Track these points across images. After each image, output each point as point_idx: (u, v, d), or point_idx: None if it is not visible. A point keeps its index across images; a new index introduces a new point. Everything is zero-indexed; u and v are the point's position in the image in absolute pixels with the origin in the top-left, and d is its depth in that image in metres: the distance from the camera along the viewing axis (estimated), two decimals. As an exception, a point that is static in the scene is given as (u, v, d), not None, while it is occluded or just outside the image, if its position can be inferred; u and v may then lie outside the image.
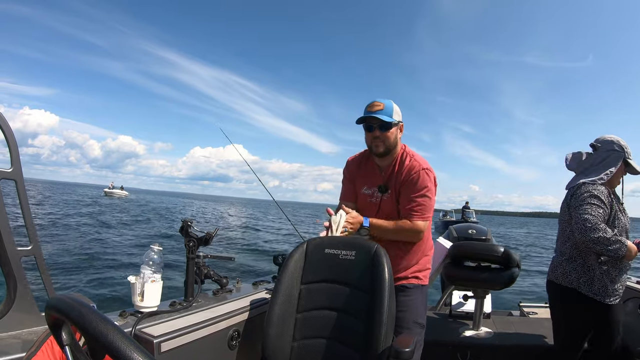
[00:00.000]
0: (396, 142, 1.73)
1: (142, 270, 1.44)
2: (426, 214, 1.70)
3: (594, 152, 1.88)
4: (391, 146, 1.72)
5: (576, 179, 1.89)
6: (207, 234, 1.65)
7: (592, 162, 1.86)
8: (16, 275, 1.17)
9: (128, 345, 0.47)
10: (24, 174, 1.17)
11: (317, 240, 1.56)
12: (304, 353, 1.41)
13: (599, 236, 1.62)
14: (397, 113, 1.72)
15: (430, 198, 1.70)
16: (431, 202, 1.71)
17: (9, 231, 1.14)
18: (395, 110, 1.71)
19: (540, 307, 3.11)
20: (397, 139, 1.74)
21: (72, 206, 23.06)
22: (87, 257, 8.33)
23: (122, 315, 1.38)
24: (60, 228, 12.67)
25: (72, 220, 15.18)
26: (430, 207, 1.71)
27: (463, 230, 2.88)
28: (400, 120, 1.75)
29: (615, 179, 1.83)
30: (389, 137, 1.69)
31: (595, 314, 1.81)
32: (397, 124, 1.72)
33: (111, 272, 7.10)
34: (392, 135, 1.69)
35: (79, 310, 0.53)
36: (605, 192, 1.75)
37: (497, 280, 2.24)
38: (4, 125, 1.10)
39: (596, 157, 1.86)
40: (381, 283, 1.34)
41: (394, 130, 1.70)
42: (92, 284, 6.18)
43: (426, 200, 1.68)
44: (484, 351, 2.21)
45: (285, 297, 1.45)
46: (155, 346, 1.21)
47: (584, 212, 1.69)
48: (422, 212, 1.68)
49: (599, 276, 1.77)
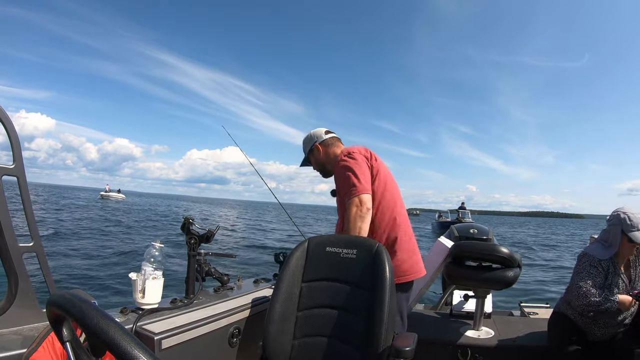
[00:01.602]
0: (321, 163, 1.91)
1: (144, 267, 1.44)
2: (353, 187, 1.64)
3: (607, 226, 2.05)
4: (320, 169, 1.94)
5: (589, 247, 2.09)
6: (208, 232, 1.65)
7: (603, 236, 2.06)
8: (18, 271, 1.17)
9: (129, 341, 0.47)
10: None
11: (318, 239, 1.56)
12: (305, 351, 1.41)
13: (589, 301, 1.88)
14: (305, 143, 1.95)
15: (350, 172, 1.65)
16: (352, 176, 1.65)
17: (11, 227, 1.15)
18: (304, 143, 1.96)
19: (541, 308, 3.11)
20: (319, 161, 1.91)
21: (68, 209, 23.07)
22: (88, 254, 8.36)
23: (123, 311, 1.38)
24: (58, 229, 12.71)
25: (68, 223, 15.19)
26: (354, 180, 1.64)
27: (464, 230, 2.86)
28: (312, 144, 1.90)
29: (622, 252, 1.98)
30: (314, 166, 1.95)
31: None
32: (311, 152, 1.92)
33: (112, 268, 7.12)
34: (314, 161, 1.94)
35: (80, 307, 0.53)
36: (604, 264, 1.96)
37: (498, 280, 2.24)
38: (6, 122, 1.11)
39: (606, 232, 2.04)
40: (382, 281, 1.34)
41: (312, 158, 1.94)
42: (94, 281, 6.20)
43: (348, 178, 1.65)
44: (485, 351, 2.20)
45: (286, 295, 1.45)
46: (156, 343, 1.21)
47: (580, 280, 1.95)
48: (349, 190, 1.64)
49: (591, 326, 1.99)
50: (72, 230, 12.46)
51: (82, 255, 8.27)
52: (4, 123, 1.11)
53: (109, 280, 6.30)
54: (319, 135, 1.92)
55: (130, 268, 6.71)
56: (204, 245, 1.68)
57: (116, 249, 9.50)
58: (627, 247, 1.96)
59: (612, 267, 1.97)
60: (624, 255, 2.01)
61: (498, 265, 2.30)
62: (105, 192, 45.95)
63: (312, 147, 1.91)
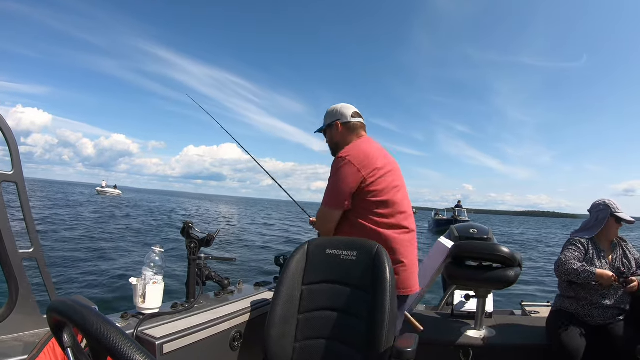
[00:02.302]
0: (335, 141, 1.83)
1: (144, 271, 1.44)
2: (326, 199, 1.65)
3: (590, 216, 2.30)
4: (332, 147, 1.86)
5: (574, 232, 2.34)
6: (208, 235, 1.65)
7: (586, 224, 2.30)
8: (18, 277, 1.17)
9: (130, 347, 0.47)
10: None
11: (318, 241, 1.56)
12: (306, 354, 1.41)
13: (567, 268, 2.06)
14: (329, 116, 1.85)
15: (333, 182, 1.63)
16: (334, 187, 1.63)
17: (11, 233, 1.14)
18: (327, 115, 1.86)
19: (542, 306, 3.10)
20: (334, 138, 1.83)
21: (66, 205, 22.99)
22: (87, 258, 8.34)
23: (124, 317, 1.38)
24: (55, 227, 12.67)
25: (66, 219, 15.15)
26: (330, 191, 1.64)
27: (464, 230, 2.86)
28: (334, 120, 1.82)
29: (607, 231, 2.19)
30: (327, 140, 1.88)
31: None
32: (330, 127, 1.83)
33: (112, 273, 7.10)
34: (328, 138, 1.87)
35: (81, 312, 0.53)
36: (584, 242, 2.18)
37: (499, 279, 2.23)
38: (4, 128, 1.11)
39: (589, 220, 2.29)
40: (382, 283, 1.34)
41: (328, 134, 1.87)
42: (94, 286, 6.18)
43: (329, 185, 1.65)
44: (486, 350, 2.20)
45: (287, 298, 1.45)
46: (158, 348, 1.21)
47: (561, 254, 2.19)
48: (325, 197, 1.67)
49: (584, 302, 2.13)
50: (69, 229, 12.42)
51: (81, 260, 8.24)
52: (2, 130, 1.11)
53: (109, 285, 6.28)
54: (345, 115, 1.80)
55: (130, 273, 6.69)
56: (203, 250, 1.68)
57: (115, 252, 9.48)
58: (612, 228, 2.17)
59: (592, 246, 2.17)
60: (608, 236, 2.20)
61: (499, 265, 2.30)
62: (101, 188, 45.63)
63: (333, 123, 1.81)
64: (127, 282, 1.46)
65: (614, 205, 2.18)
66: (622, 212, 2.16)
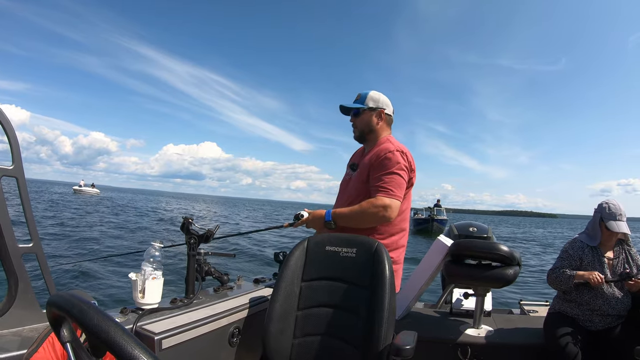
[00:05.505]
0: (371, 127, 1.80)
1: (143, 267, 1.44)
2: (392, 191, 1.63)
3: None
4: (365, 130, 1.81)
5: (580, 234, 2.23)
6: (207, 231, 1.65)
7: (588, 225, 2.21)
8: (17, 272, 1.17)
9: (129, 341, 0.47)
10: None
11: (317, 238, 1.57)
12: (305, 350, 1.41)
13: (551, 279, 2.13)
14: (373, 100, 1.80)
15: (398, 175, 1.64)
16: (399, 179, 1.64)
17: (10, 228, 1.14)
18: (371, 98, 1.80)
19: (540, 306, 3.11)
20: (372, 124, 1.80)
21: (49, 204, 22.84)
22: (86, 255, 8.35)
23: (123, 312, 1.38)
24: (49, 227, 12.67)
25: (52, 220, 15.11)
26: (397, 184, 1.64)
27: (464, 228, 2.87)
28: (378, 107, 1.80)
29: (604, 239, 2.10)
30: (360, 122, 1.81)
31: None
32: (372, 110, 1.79)
33: (111, 268, 7.11)
34: (364, 120, 1.81)
35: (80, 307, 0.53)
36: (577, 248, 2.13)
37: (498, 278, 2.24)
38: (5, 122, 1.10)
39: (590, 221, 2.20)
40: (382, 280, 1.34)
41: (366, 116, 1.80)
42: (93, 281, 6.19)
43: (394, 177, 1.64)
44: (485, 349, 2.21)
45: (286, 294, 1.46)
46: (157, 343, 1.21)
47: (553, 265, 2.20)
48: (386, 188, 1.63)
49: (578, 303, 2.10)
50: (60, 226, 12.40)
51: (80, 255, 8.25)
52: (2, 124, 1.10)
53: (109, 280, 6.29)
54: (390, 107, 1.83)
55: (129, 267, 6.70)
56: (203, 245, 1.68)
57: (114, 248, 9.49)
58: (606, 235, 2.09)
59: (590, 251, 2.11)
60: (606, 244, 2.12)
61: (498, 264, 2.30)
62: (78, 187, 44.65)
63: (378, 109, 1.80)
64: (127, 277, 1.47)
65: (607, 210, 2.06)
66: (616, 218, 2.02)
